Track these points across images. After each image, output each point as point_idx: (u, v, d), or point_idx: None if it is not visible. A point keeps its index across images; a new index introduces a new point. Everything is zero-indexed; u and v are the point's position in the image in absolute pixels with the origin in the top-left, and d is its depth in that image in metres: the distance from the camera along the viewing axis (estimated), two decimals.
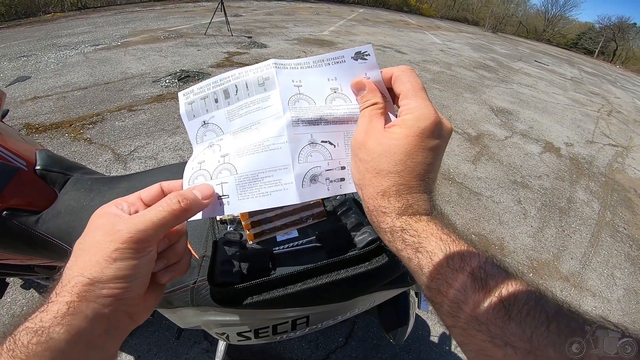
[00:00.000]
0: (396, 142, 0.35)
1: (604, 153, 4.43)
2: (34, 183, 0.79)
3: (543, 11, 31.32)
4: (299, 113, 0.40)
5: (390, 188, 0.35)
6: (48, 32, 5.77)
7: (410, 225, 0.35)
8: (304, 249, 0.65)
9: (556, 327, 0.25)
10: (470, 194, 2.82)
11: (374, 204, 0.36)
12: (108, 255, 0.32)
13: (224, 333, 0.76)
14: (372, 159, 0.36)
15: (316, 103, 0.41)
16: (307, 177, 0.39)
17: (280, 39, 6.84)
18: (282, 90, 0.41)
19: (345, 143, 0.41)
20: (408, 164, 0.35)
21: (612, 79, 13.30)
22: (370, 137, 0.37)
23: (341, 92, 0.42)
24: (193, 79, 4.07)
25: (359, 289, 0.67)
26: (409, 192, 0.35)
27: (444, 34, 14.04)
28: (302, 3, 15.59)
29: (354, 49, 0.42)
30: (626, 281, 2.26)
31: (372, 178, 0.36)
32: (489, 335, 0.27)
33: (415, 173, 0.35)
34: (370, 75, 0.42)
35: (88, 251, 0.33)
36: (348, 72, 0.42)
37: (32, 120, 2.81)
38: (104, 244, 0.32)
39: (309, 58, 0.43)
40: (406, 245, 0.34)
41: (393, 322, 1.06)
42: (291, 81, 0.42)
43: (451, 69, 7.13)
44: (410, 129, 0.36)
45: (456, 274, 0.31)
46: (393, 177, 0.35)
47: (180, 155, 2.60)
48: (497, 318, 0.27)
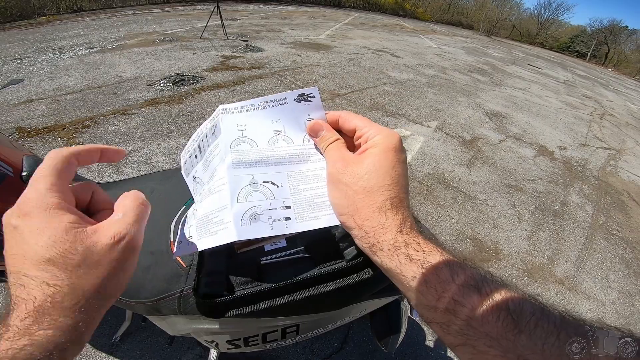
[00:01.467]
0: (377, 158, 0.37)
1: (597, 156, 4.47)
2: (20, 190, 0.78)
3: (536, 15, 31.73)
4: (240, 155, 0.42)
5: (385, 203, 0.36)
6: (43, 35, 5.73)
7: (413, 239, 0.35)
8: (291, 259, 0.64)
9: (565, 335, 0.25)
10: (465, 198, 2.83)
11: (371, 224, 0.36)
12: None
13: (213, 341, 0.75)
14: (359, 178, 0.37)
15: (258, 145, 0.43)
16: (246, 216, 0.40)
17: (276, 43, 6.85)
18: (225, 135, 0.43)
19: (290, 183, 0.42)
20: (394, 176, 0.37)
21: (605, 82, 13.46)
22: (349, 163, 0.39)
23: (284, 134, 0.44)
24: (188, 82, 4.06)
25: (348, 298, 0.67)
26: (402, 206, 0.37)
27: (439, 37, 14.15)
28: (298, 7, 15.64)
29: (298, 91, 0.44)
30: (620, 284, 2.27)
31: (364, 198, 0.37)
32: (501, 350, 0.27)
33: (401, 185, 0.37)
34: (314, 117, 0.44)
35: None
36: (291, 114, 0.44)
37: (25, 124, 2.78)
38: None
39: (254, 100, 0.45)
40: (411, 261, 0.33)
41: (385, 331, 1.05)
42: (235, 125, 0.44)
43: (446, 72, 7.18)
44: (384, 146, 0.38)
45: (465, 290, 0.30)
46: (385, 191, 0.36)
47: (174, 160, 2.59)
48: (508, 332, 0.27)
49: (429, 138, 3.78)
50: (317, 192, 0.42)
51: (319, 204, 0.42)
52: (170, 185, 0.75)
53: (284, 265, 0.63)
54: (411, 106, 4.62)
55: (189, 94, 3.77)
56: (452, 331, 0.30)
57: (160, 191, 0.73)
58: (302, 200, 0.42)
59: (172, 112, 3.29)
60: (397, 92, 5.11)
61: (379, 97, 4.72)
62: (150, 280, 0.65)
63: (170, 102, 3.49)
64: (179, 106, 3.44)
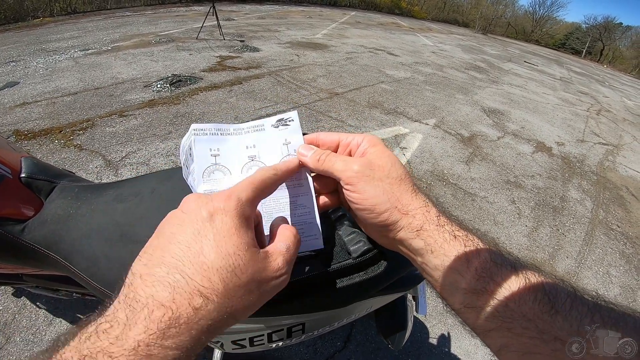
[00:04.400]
0: (386, 153, 0.40)
1: (595, 152, 4.48)
2: (19, 191, 0.77)
3: (531, 12, 31.84)
4: (212, 186, 0.41)
5: (414, 187, 0.39)
6: (37, 37, 5.69)
7: (447, 221, 0.36)
8: (298, 257, 0.63)
9: (600, 318, 0.25)
10: (464, 195, 2.83)
11: (415, 206, 0.37)
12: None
13: (218, 341, 0.74)
14: (388, 171, 0.38)
15: (232, 173, 0.42)
16: None
17: (273, 43, 6.84)
18: (198, 161, 0.42)
19: (264, 210, 0.41)
20: (403, 166, 0.40)
21: (600, 78, 13.52)
22: (367, 162, 0.39)
23: (258, 160, 0.43)
24: (185, 83, 4.04)
25: (354, 295, 0.66)
26: (420, 190, 0.39)
27: (436, 35, 14.17)
28: (294, 7, 15.62)
29: (277, 117, 0.45)
30: (622, 279, 2.27)
31: (400, 186, 0.38)
32: (536, 332, 0.26)
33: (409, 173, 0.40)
34: (291, 140, 0.44)
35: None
36: (267, 140, 0.44)
37: (21, 127, 2.75)
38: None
39: (229, 125, 0.44)
40: (455, 239, 0.34)
41: (391, 328, 1.05)
42: (209, 150, 0.42)
43: (443, 70, 7.18)
44: (379, 145, 0.41)
45: (503, 271, 0.30)
46: (408, 177, 0.39)
47: (172, 161, 2.57)
48: (544, 313, 0.27)
49: (428, 135, 3.78)
50: (291, 220, 0.42)
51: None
52: (170, 184, 0.73)
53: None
54: (409, 104, 4.62)
55: (186, 94, 3.75)
56: (486, 315, 0.30)
57: (160, 191, 0.72)
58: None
59: (169, 113, 3.27)
60: (394, 90, 5.10)
61: (377, 95, 4.72)
62: None
63: (168, 103, 3.47)
64: (176, 107, 3.42)
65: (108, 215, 0.67)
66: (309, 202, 0.42)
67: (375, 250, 0.60)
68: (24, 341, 1.35)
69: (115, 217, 0.66)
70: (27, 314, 1.45)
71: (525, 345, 0.27)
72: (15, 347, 1.33)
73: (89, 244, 0.64)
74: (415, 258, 0.37)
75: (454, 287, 0.32)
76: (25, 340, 1.36)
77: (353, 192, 0.38)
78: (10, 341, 1.34)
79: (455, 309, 0.33)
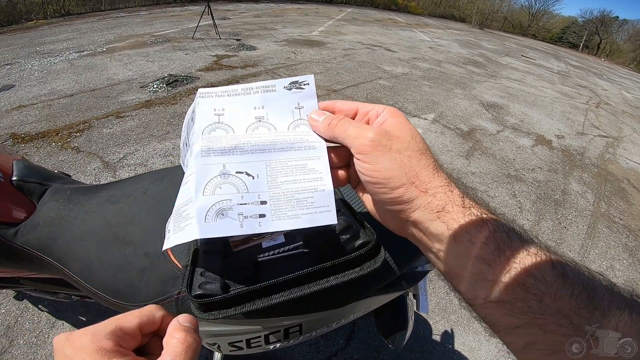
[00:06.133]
0: (407, 125, 0.36)
1: (595, 144, 4.47)
2: (11, 194, 0.75)
3: (527, 6, 31.77)
4: (211, 142, 0.38)
5: (436, 163, 0.35)
6: (31, 40, 5.65)
7: (473, 203, 0.33)
8: (290, 255, 0.61)
9: (637, 315, 0.24)
10: (465, 189, 2.80)
11: (436, 185, 0.34)
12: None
13: (215, 343, 0.72)
14: (408, 142, 0.35)
15: (235, 132, 0.39)
16: (211, 211, 0.35)
17: (270, 41, 6.80)
18: (200, 120, 0.40)
19: (268, 174, 0.37)
20: (424, 140, 0.36)
21: (598, 71, 13.50)
22: (386, 131, 0.35)
23: (266, 121, 0.40)
24: (182, 83, 4.01)
25: (351, 295, 0.64)
26: (442, 168, 0.36)
27: (432, 31, 14.13)
28: (290, 4, 15.56)
29: (290, 79, 0.41)
30: (626, 272, 2.26)
31: (420, 160, 0.34)
32: (572, 329, 0.25)
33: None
34: (305, 105, 0.40)
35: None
36: (277, 102, 0.41)
37: (18, 130, 2.73)
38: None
39: (237, 86, 0.41)
40: (484, 223, 0.31)
41: (391, 327, 1.03)
42: (213, 110, 0.40)
43: (441, 65, 7.16)
44: (400, 116, 0.37)
45: (538, 262, 0.27)
46: (430, 153, 0.35)
47: (170, 161, 2.55)
48: (582, 308, 0.25)
49: (427, 130, 3.76)
50: (299, 186, 0.37)
51: (300, 201, 0.36)
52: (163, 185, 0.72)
53: (282, 262, 0.60)
54: (407, 99, 4.60)
55: (183, 94, 3.72)
56: (514, 310, 0.27)
57: (153, 191, 0.70)
58: (280, 195, 0.36)
59: (166, 113, 3.24)
60: (392, 86, 5.08)
61: (375, 91, 4.69)
62: (146, 283, 0.62)
63: (165, 103, 3.45)
64: (173, 107, 3.40)
65: (101, 217, 0.65)
66: (322, 167, 0.37)
67: (372, 243, 0.56)
68: (27, 344, 1.34)
69: (108, 219, 0.64)
70: (30, 316, 1.44)
71: (556, 342, 0.25)
72: (18, 350, 1.32)
73: (82, 247, 0.62)
74: (432, 245, 0.33)
75: (478, 279, 0.29)
76: (29, 343, 1.35)
77: (365, 162, 0.34)
78: (13, 344, 1.34)
79: (475, 304, 0.30)
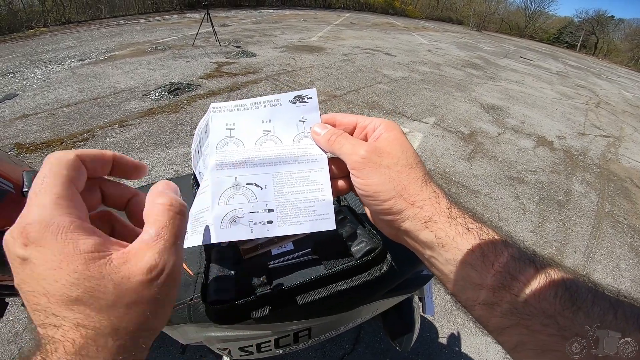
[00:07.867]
0: (400, 140, 0.38)
1: (597, 144, 4.47)
2: (22, 205, 0.75)
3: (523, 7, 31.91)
4: (224, 157, 0.42)
5: (425, 177, 0.36)
6: (33, 48, 5.69)
7: (462, 211, 0.34)
8: (300, 262, 0.64)
9: (622, 313, 0.25)
10: (468, 192, 2.82)
11: (424, 197, 0.35)
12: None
13: (225, 348, 0.74)
14: (398, 158, 0.37)
15: (245, 145, 0.43)
16: (226, 219, 0.39)
17: (269, 47, 6.84)
18: (213, 135, 0.43)
19: (274, 185, 0.41)
20: (416, 154, 0.38)
21: (597, 71, 13.54)
22: (378, 148, 0.38)
23: (273, 134, 0.43)
24: (183, 91, 4.03)
25: (359, 298, 0.66)
26: (432, 180, 0.37)
27: (430, 34, 14.20)
28: (288, 10, 15.67)
29: (295, 93, 0.44)
30: (632, 272, 2.26)
31: (409, 175, 0.36)
32: (556, 329, 0.26)
33: (422, 162, 0.38)
34: (308, 118, 0.44)
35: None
36: (283, 115, 0.44)
37: (23, 140, 2.74)
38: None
39: (246, 100, 0.44)
40: (468, 232, 0.32)
41: (398, 330, 1.05)
42: (225, 124, 0.44)
43: (440, 68, 7.19)
44: (396, 130, 0.39)
45: (521, 265, 0.29)
46: (420, 166, 0.37)
47: (174, 170, 2.55)
48: (565, 309, 0.26)
49: (428, 134, 3.77)
50: (302, 196, 0.41)
51: (303, 209, 0.40)
52: None
53: (292, 268, 0.63)
54: (408, 103, 4.62)
55: (185, 102, 3.74)
56: (502, 311, 0.28)
57: None
58: (285, 204, 0.40)
59: (169, 122, 3.26)
60: (392, 90, 5.10)
61: (375, 96, 4.71)
62: None
63: (167, 112, 3.46)
64: (175, 115, 3.41)
65: None
66: (323, 179, 0.41)
67: (379, 249, 0.59)
68: None
69: None
70: None
71: (543, 342, 0.26)
72: None
73: None
74: (423, 251, 0.36)
75: (467, 283, 0.31)
76: None
77: (357, 177, 0.38)
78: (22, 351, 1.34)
79: (467, 306, 0.32)
